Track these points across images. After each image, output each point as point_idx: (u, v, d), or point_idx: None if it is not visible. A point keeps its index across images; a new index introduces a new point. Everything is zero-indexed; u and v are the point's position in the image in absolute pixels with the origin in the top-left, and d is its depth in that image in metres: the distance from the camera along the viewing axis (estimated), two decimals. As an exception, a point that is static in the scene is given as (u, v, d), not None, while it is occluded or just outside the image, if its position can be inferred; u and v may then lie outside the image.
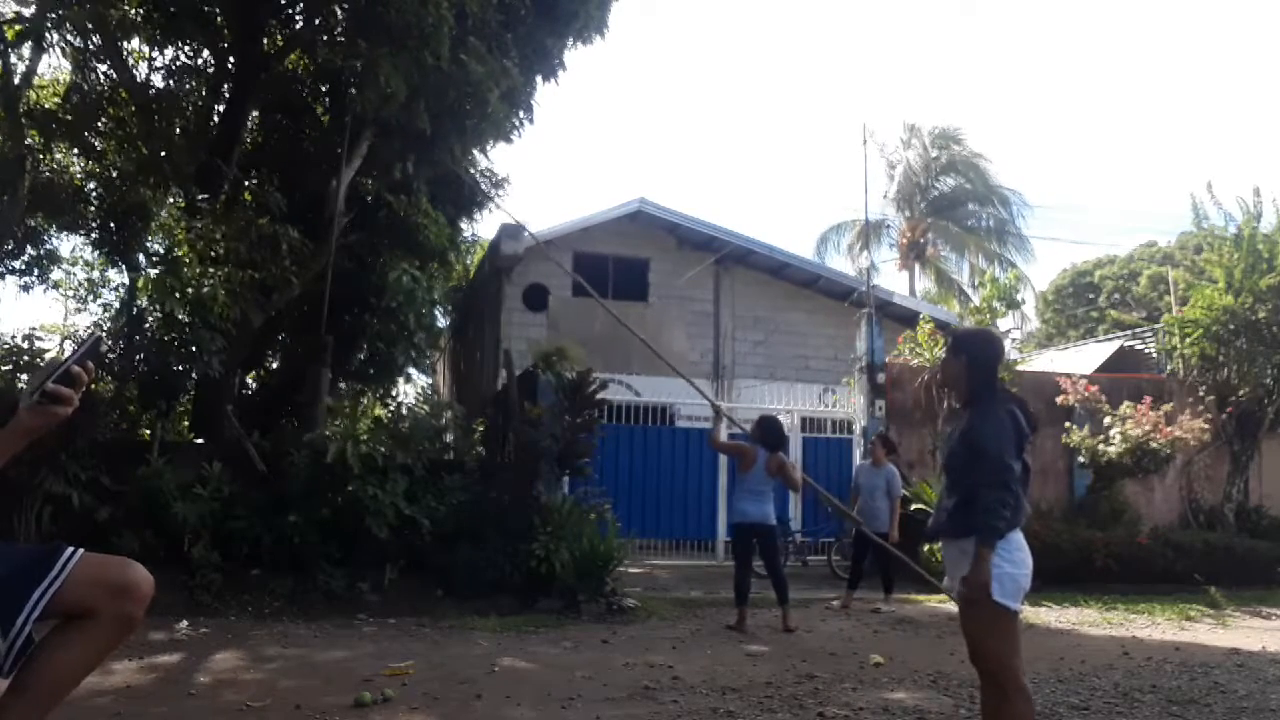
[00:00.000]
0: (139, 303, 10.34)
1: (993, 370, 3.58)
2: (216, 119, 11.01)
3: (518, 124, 10.22)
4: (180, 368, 9.48)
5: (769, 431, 7.64)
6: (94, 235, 13.33)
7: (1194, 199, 13.34)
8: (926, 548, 9.64)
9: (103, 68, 11.12)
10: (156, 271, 9.24)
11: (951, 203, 26.58)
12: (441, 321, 17.01)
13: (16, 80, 9.80)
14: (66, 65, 11.04)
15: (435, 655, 5.90)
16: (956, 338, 3.88)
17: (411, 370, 15.60)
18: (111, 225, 12.57)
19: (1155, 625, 8.15)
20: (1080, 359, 16.46)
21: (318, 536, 7.88)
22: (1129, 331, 18.24)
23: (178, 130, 11.41)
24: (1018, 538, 3.37)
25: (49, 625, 2.27)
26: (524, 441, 8.76)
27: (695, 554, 12.23)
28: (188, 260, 8.77)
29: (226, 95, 10.97)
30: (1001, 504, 3.26)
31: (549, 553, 7.96)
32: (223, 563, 7.68)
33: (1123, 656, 6.43)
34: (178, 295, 8.53)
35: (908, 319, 14.76)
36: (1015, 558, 3.32)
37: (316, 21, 10.27)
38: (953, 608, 3.88)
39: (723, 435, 8.70)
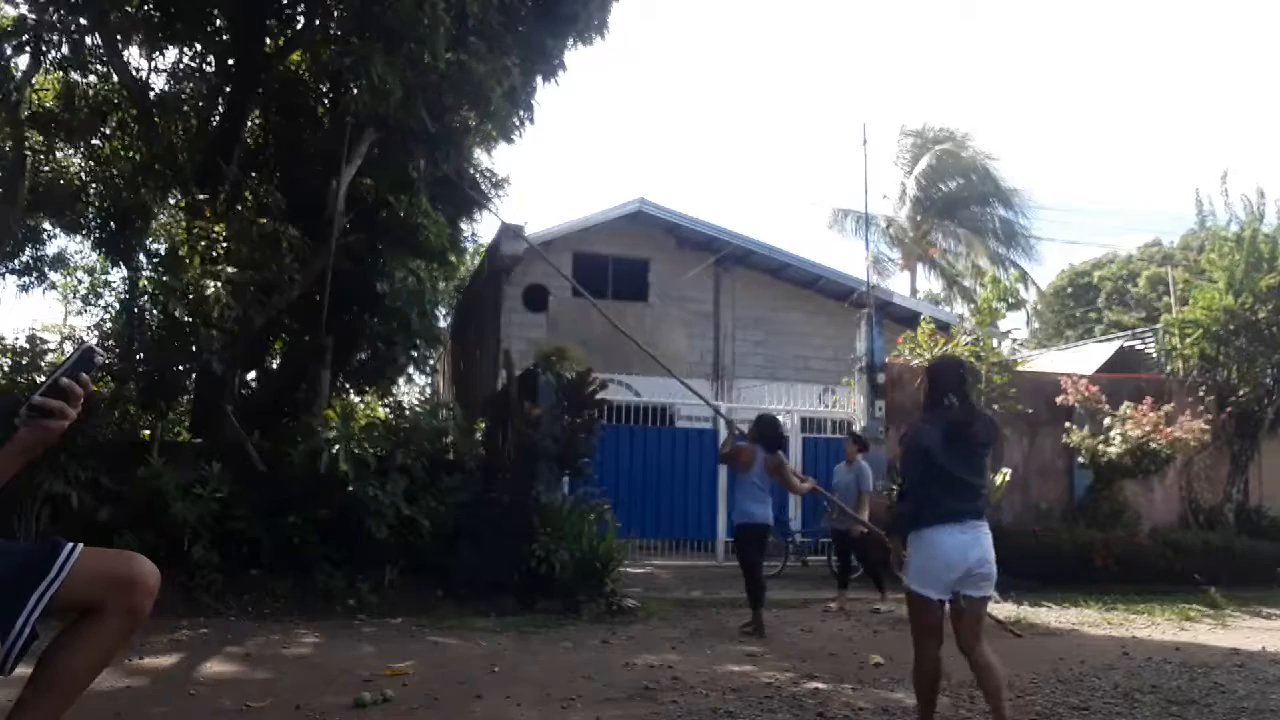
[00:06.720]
0: (139, 303, 10.35)
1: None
2: (217, 119, 11.01)
3: (518, 124, 10.23)
4: (180, 368, 9.49)
5: (766, 431, 7.46)
6: (94, 235, 13.37)
7: (1198, 195, 13.37)
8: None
9: (103, 69, 11.13)
10: (156, 271, 9.25)
11: (955, 203, 26.47)
12: (442, 322, 17.04)
13: (16, 79, 9.81)
14: (67, 67, 11.05)
15: (435, 655, 5.90)
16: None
17: (412, 370, 15.63)
18: (112, 225, 12.60)
19: (1155, 625, 8.15)
20: (1080, 359, 16.42)
21: (317, 537, 7.87)
22: (1129, 332, 18.22)
23: (178, 131, 11.41)
24: None
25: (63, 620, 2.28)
26: (524, 441, 8.75)
27: (695, 554, 12.24)
28: (188, 260, 8.77)
29: (227, 96, 10.97)
30: None
31: (549, 553, 7.95)
32: (223, 563, 7.66)
33: (1123, 657, 6.42)
34: (178, 295, 8.53)
35: (908, 319, 14.75)
36: None
37: (316, 21, 10.28)
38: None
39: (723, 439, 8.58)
